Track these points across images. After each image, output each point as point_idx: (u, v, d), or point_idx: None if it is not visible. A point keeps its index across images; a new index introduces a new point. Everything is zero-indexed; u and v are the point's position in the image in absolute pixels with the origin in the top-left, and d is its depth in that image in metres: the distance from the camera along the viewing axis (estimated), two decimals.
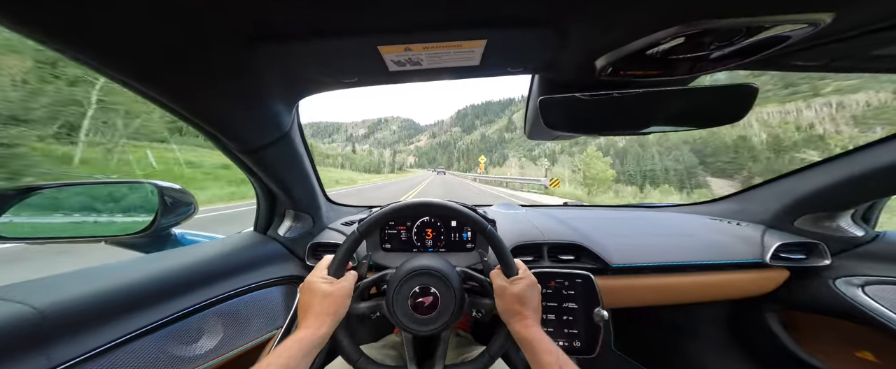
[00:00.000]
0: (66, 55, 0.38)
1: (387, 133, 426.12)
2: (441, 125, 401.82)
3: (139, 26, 0.37)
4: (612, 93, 0.64)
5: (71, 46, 0.37)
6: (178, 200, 0.82)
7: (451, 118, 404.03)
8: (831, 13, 0.41)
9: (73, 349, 0.47)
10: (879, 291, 0.84)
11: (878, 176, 0.81)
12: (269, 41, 0.43)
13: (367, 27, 0.43)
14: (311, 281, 0.60)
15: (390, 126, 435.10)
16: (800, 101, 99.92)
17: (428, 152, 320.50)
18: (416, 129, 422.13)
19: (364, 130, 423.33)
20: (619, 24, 0.45)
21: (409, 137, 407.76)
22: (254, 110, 0.61)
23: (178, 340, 0.61)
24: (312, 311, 0.56)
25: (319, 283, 0.59)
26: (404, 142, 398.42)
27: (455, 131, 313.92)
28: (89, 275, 0.57)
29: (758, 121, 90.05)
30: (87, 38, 0.37)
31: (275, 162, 0.77)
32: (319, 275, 0.61)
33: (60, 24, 0.34)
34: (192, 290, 0.66)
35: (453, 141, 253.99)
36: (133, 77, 0.44)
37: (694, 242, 1.03)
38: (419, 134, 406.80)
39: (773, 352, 1.06)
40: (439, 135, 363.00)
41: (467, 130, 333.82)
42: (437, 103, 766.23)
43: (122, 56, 0.41)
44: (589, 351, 0.90)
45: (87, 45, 0.38)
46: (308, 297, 0.58)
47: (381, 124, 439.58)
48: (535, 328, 0.58)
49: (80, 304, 0.51)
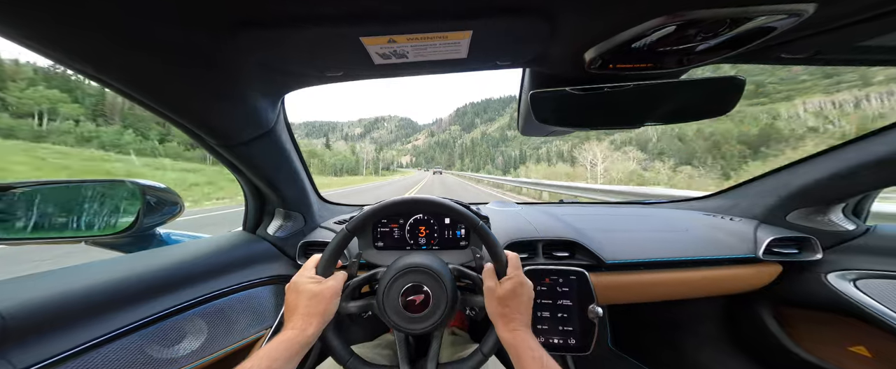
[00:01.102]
0: (24, 45, 0.35)
1: (383, 132, 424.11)
2: (440, 123, 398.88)
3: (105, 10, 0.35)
4: (602, 88, 0.64)
5: (27, 35, 0.34)
6: (162, 199, 0.81)
7: (450, 116, 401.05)
8: (814, 3, 0.41)
9: (38, 353, 0.45)
10: (871, 285, 0.84)
11: (868, 169, 0.82)
12: (247, 28, 0.42)
13: (349, 16, 0.42)
14: (298, 282, 0.59)
15: (387, 125, 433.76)
16: (856, 90, 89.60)
17: (426, 151, 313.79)
18: (413, 128, 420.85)
19: (360, 129, 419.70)
20: (605, 12, 0.45)
21: (406, 136, 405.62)
22: (233, 103, 0.59)
23: (159, 342, 0.59)
24: (299, 312, 0.55)
25: (306, 283, 0.58)
26: (401, 141, 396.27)
27: (454, 129, 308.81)
28: (61, 276, 0.55)
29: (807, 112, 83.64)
30: (45, 26, 0.34)
31: (260, 159, 0.75)
32: (307, 274, 0.60)
33: (15, 10, 0.32)
34: (174, 290, 0.64)
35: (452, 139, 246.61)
36: (96, 65, 0.41)
37: (688, 238, 1.03)
38: (417, 132, 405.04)
39: (767, 347, 1.05)
40: (437, 133, 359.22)
41: (467, 128, 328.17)
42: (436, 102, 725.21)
43: (84, 42, 0.38)
44: (584, 348, 0.89)
45: (55, 39, 0.36)
46: (294, 297, 0.57)
47: (378, 123, 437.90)
48: (520, 331, 0.57)
49: (49, 306, 0.49)
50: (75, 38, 0.36)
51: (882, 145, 0.78)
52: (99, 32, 0.37)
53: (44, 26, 0.34)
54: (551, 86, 0.65)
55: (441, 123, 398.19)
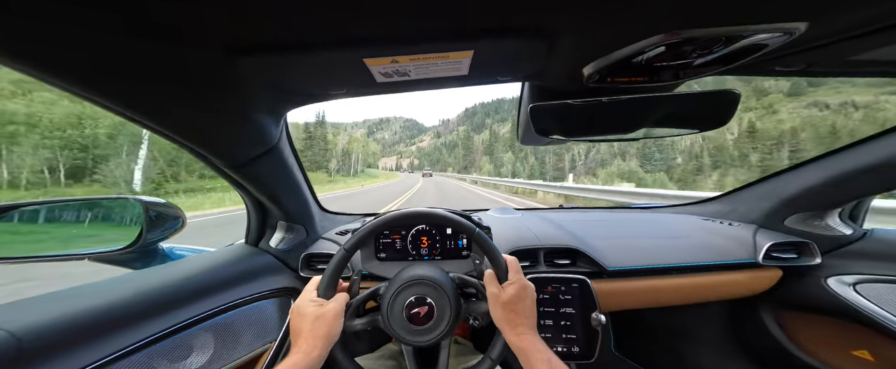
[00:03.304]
0: (37, 77, 0.35)
1: (388, 133, 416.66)
2: (447, 124, 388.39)
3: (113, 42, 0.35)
4: (600, 99, 0.65)
5: (42, 67, 0.35)
6: (163, 214, 0.81)
7: (459, 116, 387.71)
8: (806, 22, 0.42)
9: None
10: (871, 290, 0.85)
11: (864, 174, 0.83)
12: (251, 55, 0.43)
13: (352, 40, 0.43)
14: (300, 305, 0.59)
15: (392, 126, 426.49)
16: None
17: (431, 153, 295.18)
18: (419, 129, 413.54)
19: (364, 130, 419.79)
20: (604, 32, 0.46)
21: (411, 137, 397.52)
22: (238, 125, 0.60)
23: (167, 358, 0.59)
24: (303, 335, 0.55)
25: (308, 306, 0.58)
26: (406, 142, 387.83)
27: (462, 130, 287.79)
28: (71, 295, 0.56)
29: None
30: (57, 57, 0.35)
31: (264, 175, 0.76)
32: (308, 297, 0.61)
33: (30, 44, 0.32)
34: (181, 306, 0.64)
35: (460, 140, 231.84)
36: (99, 89, 0.41)
37: (688, 243, 1.04)
38: (422, 134, 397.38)
39: (771, 352, 1.06)
40: (444, 134, 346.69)
41: (477, 129, 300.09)
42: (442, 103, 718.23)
43: (93, 72, 0.39)
44: (588, 355, 0.89)
45: (57, 63, 0.36)
46: (298, 321, 0.57)
47: (383, 124, 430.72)
48: (528, 335, 0.57)
49: (60, 326, 0.49)
50: (79, 61, 0.36)
51: (877, 151, 0.80)
52: (103, 55, 0.37)
53: (46, 50, 0.33)
54: (550, 98, 0.66)
55: (448, 124, 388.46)
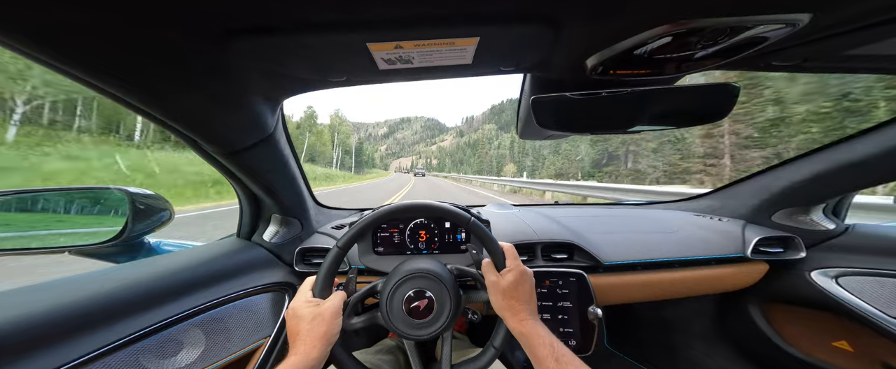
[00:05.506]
0: (31, 58, 0.34)
1: (408, 132, 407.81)
2: (471, 122, 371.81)
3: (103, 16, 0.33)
4: (601, 93, 0.65)
5: (35, 48, 0.33)
6: (150, 206, 0.77)
7: (484, 114, 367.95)
8: (809, 13, 0.43)
9: None
10: (852, 282, 0.88)
11: (846, 171, 0.86)
12: (249, 36, 0.41)
13: (356, 23, 0.41)
14: (296, 307, 0.58)
15: (413, 125, 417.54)
16: None
17: (453, 153, 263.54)
18: (440, 129, 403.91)
19: (384, 130, 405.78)
20: (611, 20, 0.46)
21: (431, 137, 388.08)
22: (233, 110, 0.57)
23: (155, 354, 0.56)
24: (300, 336, 0.53)
25: (304, 307, 0.57)
26: (426, 142, 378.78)
27: (488, 128, 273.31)
28: (48, 288, 0.52)
29: None
30: (51, 38, 0.33)
31: (258, 165, 0.73)
32: (303, 298, 0.59)
33: (23, 24, 0.31)
34: (170, 300, 0.61)
35: (487, 139, 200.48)
36: (92, 71, 0.40)
37: (680, 238, 1.06)
38: (444, 133, 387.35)
39: (757, 344, 1.09)
40: (468, 133, 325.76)
41: (505, 127, 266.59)
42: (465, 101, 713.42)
43: (88, 55, 0.37)
44: (584, 349, 0.90)
45: (51, 45, 0.34)
46: (295, 323, 0.56)
47: (403, 124, 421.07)
48: (530, 321, 0.57)
49: (42, 320, 0.46)
50: (71, 43, 0.35)
51: (858, 149, 0.83)
52: (96, 38, 0.35)
53: (40, 32, 0.32)
54: (552, 90, 0.66)
55: (473, 122, 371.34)
